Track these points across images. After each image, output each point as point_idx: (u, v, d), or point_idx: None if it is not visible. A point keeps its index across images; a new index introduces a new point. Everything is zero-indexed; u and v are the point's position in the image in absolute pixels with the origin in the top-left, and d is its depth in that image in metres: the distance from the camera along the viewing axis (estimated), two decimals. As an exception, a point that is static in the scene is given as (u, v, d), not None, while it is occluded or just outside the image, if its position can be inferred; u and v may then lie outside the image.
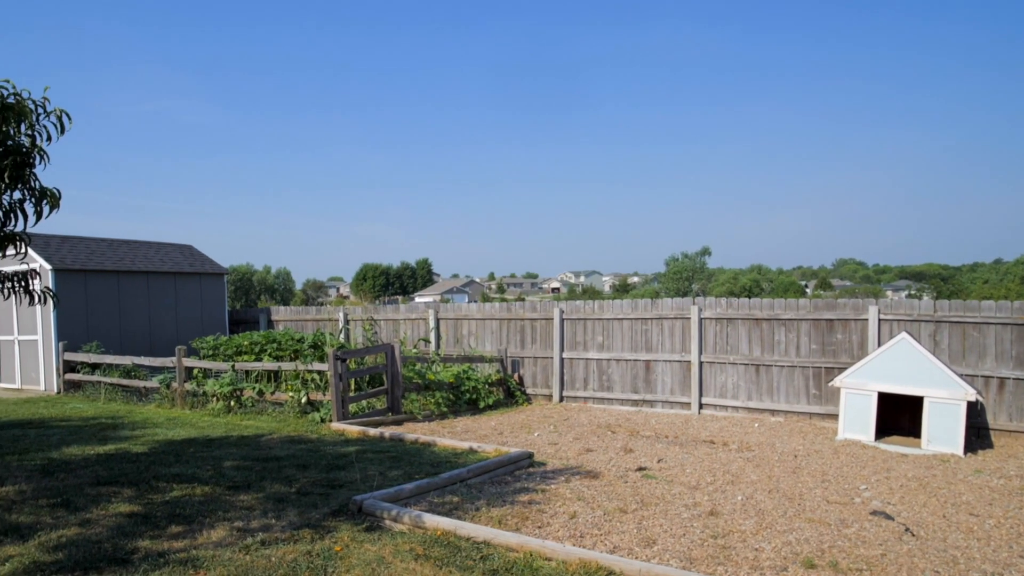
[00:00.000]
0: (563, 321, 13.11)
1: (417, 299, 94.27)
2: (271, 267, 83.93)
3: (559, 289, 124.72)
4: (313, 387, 10.80)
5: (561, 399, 13.07)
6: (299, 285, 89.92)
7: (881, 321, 10.32)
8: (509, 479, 6.71)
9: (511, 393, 13.08)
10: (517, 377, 13.44)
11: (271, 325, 17.04)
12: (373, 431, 8.95)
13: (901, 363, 9.09)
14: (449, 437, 8.95)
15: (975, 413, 9.55)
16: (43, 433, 9.13)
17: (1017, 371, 9.48)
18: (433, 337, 14.38)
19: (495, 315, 13.94)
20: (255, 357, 11.74)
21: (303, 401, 10.52)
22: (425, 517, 5.01)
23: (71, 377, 13.87)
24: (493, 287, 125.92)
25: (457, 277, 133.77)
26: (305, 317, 16.62)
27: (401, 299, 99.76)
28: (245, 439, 8.67)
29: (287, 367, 11.00)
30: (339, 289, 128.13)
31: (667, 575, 4.17)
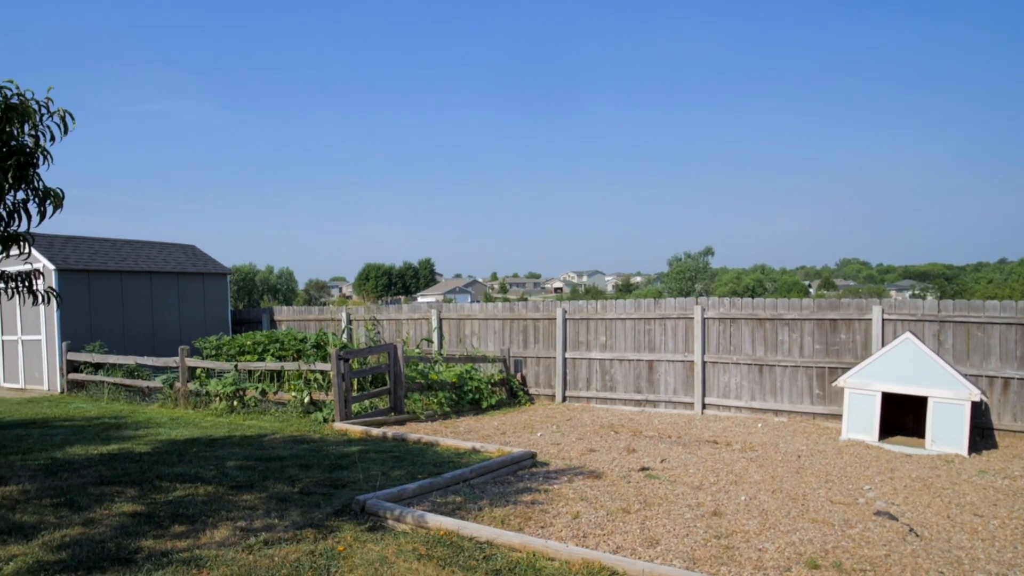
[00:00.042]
0: (566, 321, 13.10)
1: (420, 299, 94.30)
2: (274, 267, 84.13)
3: (562, 289, 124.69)
4: (316, 387, 10.81)
5: (564, 399, 13.06)
6: (302, 285, 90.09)
7: (885, 321, 10.29)
8: (512, 479, 6.70)
9: (514, 393, 13.08)
10: (520, 377, 13.43)
11: (274, 325, 17.05)
12: (376, 431, 8.95)
13: (905, 363, 9.06)
14: (452, 437, 8.95)
15: (979, 413, 9.52)
16: (47, 433, 9.15)
17: (1022, 371, 9.44)
18: (436, 337, 14.38)
19: (498, 315, 13.94)
20: (258, 357, 11.75)
21: (306, 401, 10.53)
22: (428, 517, 5.00)
23: (74, 377, 13.90)
24: (496, 287, 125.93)
25: (460, 277, 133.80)
26: (308, 317, 16.63)
27: (404, 299, 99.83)
28: (248, 439, 8.68)
29: (290, 367, 11.01)
30: (342, 289, 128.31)
31: (670, 575, 4.17)
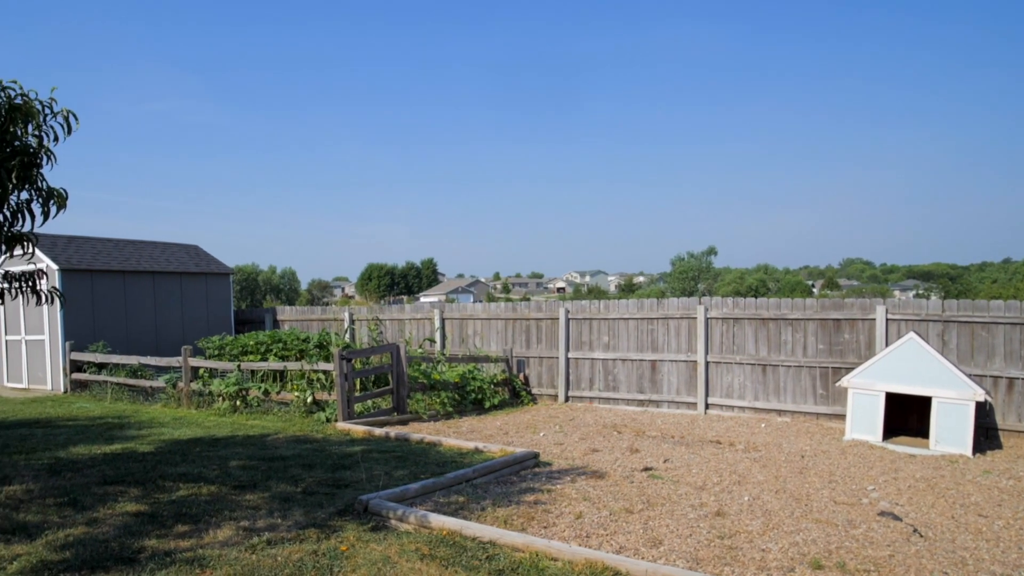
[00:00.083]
0: (568, 321, 13.09)
1: (422, 299, 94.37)
2: (276, 267, 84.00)
3: (564, 289, 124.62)
4: (319, 387, 10.81)
5: (567, 399, 13.05)
6: (304, 285, 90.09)
7: (889, 321, 10.26)
8: (515, 479, 6.70)
9: (516, 393, 13.07)
10: (522, 377, 13.42)
11: (276, 325, 17.07)
12: (378, 431, 8.95)
13: (909, 363, 9.03)
14: (454, 437, 8.95)
15: (984, 413, 9.48)
16: (50, 432, 9.17)
17: (1026, 371, 9.40)
18: (438, 337, 14.38)
19: (500, 315, 13.93)
20: (261, 357, 11.76)
21: (309, 401, 10.53)
22: (431, 517, 5.00)
23: (77, 377, 13.93)
24: (498, 287, 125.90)
25: (462, 277, 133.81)
26: (310, 317, 16.65)
27: (406, 299, 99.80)
28: (251, 439, 8.68)
29: (293, 367, 11.02)
30: (344, 289, 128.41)
31: (674, 575, 4.16)
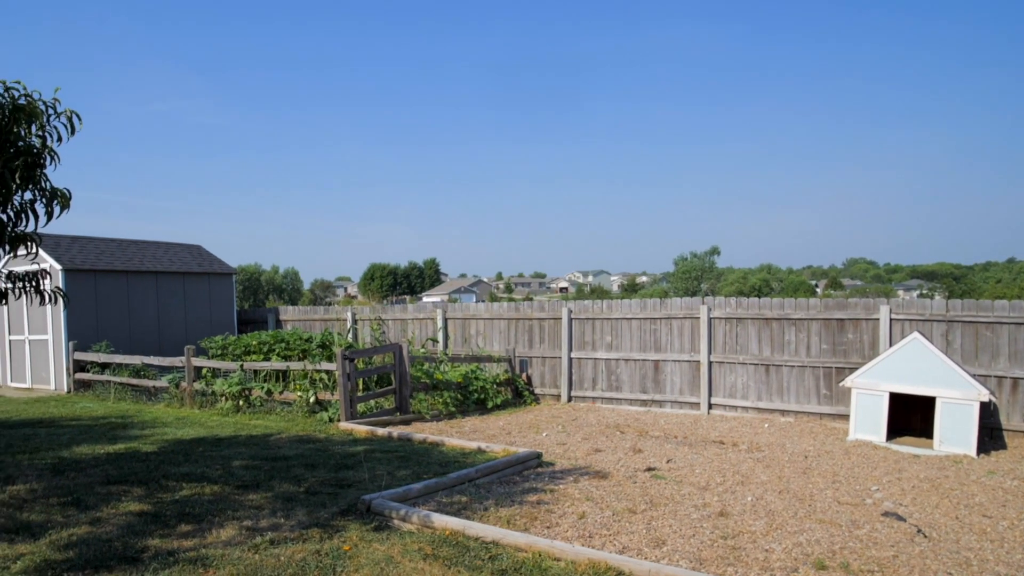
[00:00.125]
0: (571, 321, 13.09)
1: (425, 299, 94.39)
2: (279, 267, 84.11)
3: (567, 289, 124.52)
4: (321, 387, 10.82)
5: (569, 399, 13.04)
6: (307, 285, 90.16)
7: (893, 321, 10.24)
8: (517, 479, 6.69)
9: (519, 393, 13.06)
10: (525, 377, 13.42)
11: (279, 325, 17.08)
12: (381, 431, 8.95)
13: (913, 363, 9.01)
14: (457, 437, 8.95)
15: (988, 414, 9.45)
16: (53, 432, 9.19)
17: (1030, 371, 9.37)
18: (441, 337, 14.38)
19: (503, 315, 13.93)
20: (263, 357, 11.78)
21: (311, 400, 10.54)
22: (434, 517, 5.00)
23: (81, 376, 13.96)
24: (501, 287, 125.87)
25: (465, 277, 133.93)
26: (313, 317, 16.66)
27: (409, 299, 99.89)
28: (254, 438, 8.69)
29: (295, 367, 11.03)
30: (347, 289, 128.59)
31: (677, 575, 4.15)
